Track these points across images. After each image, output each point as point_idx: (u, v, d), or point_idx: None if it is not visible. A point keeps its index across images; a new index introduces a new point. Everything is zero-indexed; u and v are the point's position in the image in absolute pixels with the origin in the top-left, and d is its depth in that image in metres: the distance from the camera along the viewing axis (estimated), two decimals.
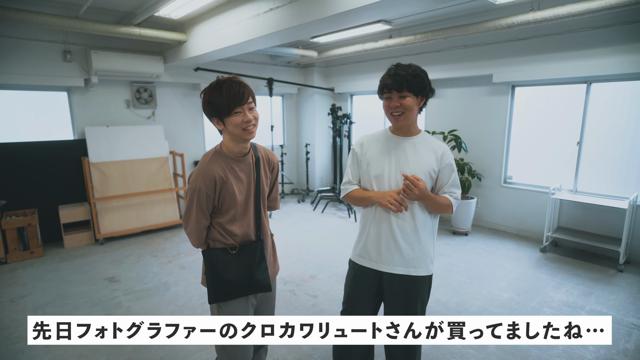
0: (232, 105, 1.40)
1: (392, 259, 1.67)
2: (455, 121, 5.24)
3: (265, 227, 1.64)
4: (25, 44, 4.30)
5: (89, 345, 2.56)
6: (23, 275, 3.73)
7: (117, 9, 4.25)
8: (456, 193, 1.68)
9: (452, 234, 4.90)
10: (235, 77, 1.44)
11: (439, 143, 1.70)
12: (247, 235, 1.56)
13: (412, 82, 1.54)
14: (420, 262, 1.67)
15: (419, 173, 1.60)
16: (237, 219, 1.53)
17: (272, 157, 1.67)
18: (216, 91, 1.40)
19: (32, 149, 4.46)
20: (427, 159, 1.64)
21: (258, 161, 1.58)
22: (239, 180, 1.52)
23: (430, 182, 1.65)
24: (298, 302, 3.13)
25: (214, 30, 4.02)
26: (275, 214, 5.86)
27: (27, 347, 2.54)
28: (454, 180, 1.67)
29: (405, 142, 1.67)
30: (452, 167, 1.66)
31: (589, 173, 4.28)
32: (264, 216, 1.62)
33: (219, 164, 1.47)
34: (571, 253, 4.18)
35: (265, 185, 1.61)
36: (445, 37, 4.31)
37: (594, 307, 3.01)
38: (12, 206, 4.37)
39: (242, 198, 1.52)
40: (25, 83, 4.32)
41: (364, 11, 2.70)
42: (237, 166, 1.52)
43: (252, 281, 1.54)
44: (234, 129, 1.43)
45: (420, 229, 1.65)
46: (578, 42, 4.00)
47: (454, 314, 2.92)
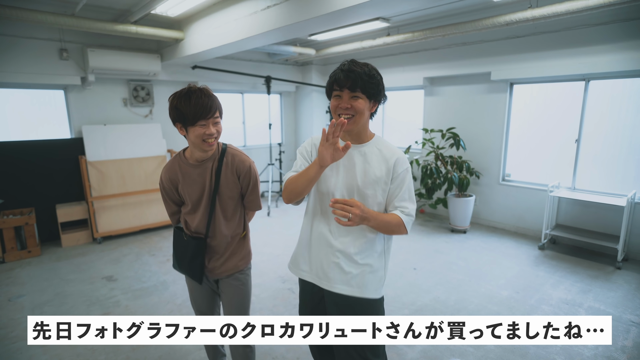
0: (198, 116, 1.48)
1: (330, 274, 1.44)
2: (453, 119, 5.23)
3: (220, 228, 1.72)
4: (21, 42, 4.27)
5: (87, 345, 2.55)
6: (21, 274, 3.72)
7: (114, 6, 4.23)
8: (408, 208, 1.42)
9: (450, 231, 4.91)
10: (206, 89, 1.53)
11: (393, 150, 1.46)
12: (198, 229, 1.73)
13: (368, 83, 1.35)
14: (366, 281, 1.43)
15: (367, 185, 1.41)
16: (191, 213, 1.73)
17: (241, 165, 1.71)
18: (185, 99, 1.47)
19: (28, 148, 4.44)
20: (378, 170, 1.41)
21: (219, 168, 1.67)
22: (192, 182, 1.68)
23: (382, 195, 1.43)
24: (296, 301, 3.11)
25: (211, 27, 4.00)
26: (273, 212, 5.86)
27: (25, 347, 2.54)
28: (403, 193, 1.42)
29: (354, 152, 1.45)
30: (403, 177, 1.43)
31: (587, 170, 4.29)
32: (221, 217, 1.71)
33: (174, 166, 1.70)
34: (569, 250, 4.20)
35: (228, 189, 1.70)
36: (443, 35, 4.30)
37: (593, 305, 3.02)
38: (9, 205, 4.35)
39: (194, 198, 1.69)
40: (21, 81, 4.30)
41: (362, 8, 2.69)
42: (193, 170, 1.67)
43: (190, 268, 1.76)
44: (194, 139, 1.54)
45: (368, 240, 1.44)
46: (576, 40, 3.99)
47: (453, 312, 2.92)
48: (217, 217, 1.71)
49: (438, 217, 5.61)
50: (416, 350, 2.48)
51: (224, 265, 1.77)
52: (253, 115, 6.84)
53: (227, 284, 1.80)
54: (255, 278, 3.53)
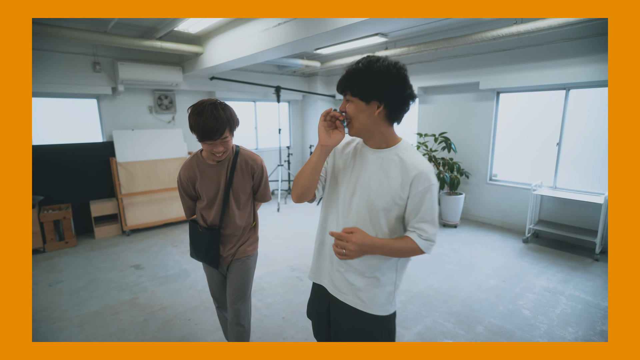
0: (205, 138, 1.50)
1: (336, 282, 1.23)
2: (445, 124, 5.22)
3: (234, 219, 1.75)
4: (60, 57, 4.33)
5: (119, 325, 2.59)
6: (59, 262, 3.77)
7: (141, 24, 4.27)
8: (427, 232, 1.12)
9: (442, 226, 4.90)
10: (215, 110, 1.47)
11: (417, 162, 1.12)
12: (214, 222, 1.75)
13: (359, 83, 1.05)
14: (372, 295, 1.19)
15: (380, 197, 1.12)
16: (207, 208, 1.74)
17: (253, 164, 1.75)
18: (195, 118, 1.48)
19: (66, 151, 4.49)
20: (394, 182, 1.12)
21: (234, 168, 1.69)
22: (209, 180, 1.69)
23: (396, 210, 1.14)
24: (304, 288, 3.14)
25: (228, 43, 4.02)
26: (282, 209, 5.88)
27: (64, 327, 2.58)
28: (424, 214, 1.12)
29: (373, 158, 1.16)
30: (424, 195, 1.11)
31: (567, 171, 4.26)
32: (235, 210, 1.74)
33: (192, 165, 1.71)
34: (551, 244, 4.17)
35: (240, 186, 1.73)
36: (436, 49, 4.29)
37: (573, 293, 3.01)
38: (49, 201, 4.41)
39: (210, 194, 1.71)
40: (60, 91, 4.35)
41: (362, 25, 2.69)
42: (209, 169, 1.69)
43: (206, 256, 1.79)
44: (205, 150, 1.62)
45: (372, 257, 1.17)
46: (557, 52, 3.97)
47: (445, 299, 2.92)
48: (232, 210, 1.73)
49: None
50: (412, 333, 2.48)
51: (236, 251, 1.80)
52: (264, 121, 6.86)
53: (234, 267, 1.82)
54: (266, 267, 3.55)
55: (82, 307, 2.85)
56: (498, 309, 2.77)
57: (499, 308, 2.78)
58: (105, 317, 2.71)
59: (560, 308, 2.77)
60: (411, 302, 2.86)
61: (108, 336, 2.46)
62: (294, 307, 2.82)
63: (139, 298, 2.99)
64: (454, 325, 2.55)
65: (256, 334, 2.45)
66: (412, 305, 2.82)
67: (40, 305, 2.88)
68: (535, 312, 2.72)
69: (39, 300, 2.97)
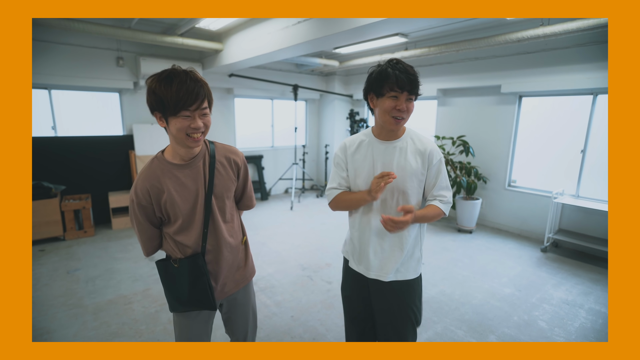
0: (181, 105, 1.08)
1: (380, 265, 1.45)
2: (464, 127, 5.11)
3: (223, 235, 1.31)
4: (85, 51, 4.46)
5: (131, 315, 2.65)
6: (78, 251, 3.89)
7: (164, 20, 4.35)
8: (446, 197, 1.41)
9: (457, 231, 4.80)
10: (192, 71, 1.12)
11: (425, 141, 1.42)
12: (197, 246, 1.27)
13: (419, 87, 1.31)
14: (408, 265, 1.46)
15: (405, 179, 1.37)
16: (184, 228, 1.25)
17: (235, 157, 1.35)
18: (165, 83, 1.07)
19: (87, 143, 4.63)
20: (413, 163, 1.38)
21: (213, 163, 1.26)
22: (183, 187, 1.22)
23: (419, 186, 1.41)
24: (314, 287, 3.14)
25: (247, 40, 4.06)
26: (296, 207, 5.88)
27: (80, 313, 2.66)
28: (441, 182, 1.40)
29: (390, 147, 1.40)
30: (439, 167, 1.40)
31: (591, 179, 4.10)
32: (221, 223, 1.31)
33: (154, 173, 1.21)
34: (571, 254, 4.02)
35: (224, 189, 1.31)
36: (457, 50, 4.21)
37: (593, 307, 2.89)
38: (69, 191, 4.56)
39: (187, 207, 1.23)
40: (84, 85, 4.49)
41: (382, 25, 2.67)
42: (181, 172, 1.23)
43: (194, 298, 1.27)
44: (177, 132, 1.12)
45: (405, 233, 1.42)
46: (585, 56, 3.82)
47: (457, 306, 2.86)
48: (217, 223, 1.29)
49: (446, 217, 5.49)
50: (422, 339, 2.44)
51: (234, 279, 1.38)
52: (281, 119, 6.90)
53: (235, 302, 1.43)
54: (277, 265, 3.56)
55: (98, 296, 2.93)
56: (512, 318, 2.69)
57: (514, 318, 2.70)
58: (119, 306, 2.77)
59: (579, 322, 2.66)
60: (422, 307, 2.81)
61: (120, 325, 2.52)
62: (303, 306, 2.82)
63: (152, 289, 3.05)
64: (466, 333, 2.49)
65: (264, 331, 2.46)
66: (423, 311, 2.76)
67: (59, 291, 2.98)
68: (552, 324, 2.63)
69: (58, 286, 3.07)
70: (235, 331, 1.49)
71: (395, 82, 1.27)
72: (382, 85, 1.30)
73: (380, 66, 1.34)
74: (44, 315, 2.62)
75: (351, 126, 6.30)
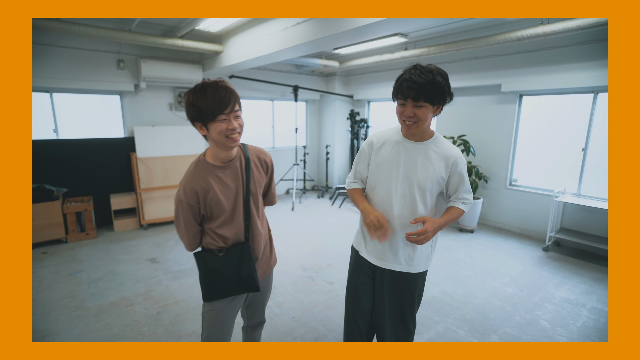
0: (217, 111, 1.24)
1: (392, 257, 1.54)
2: (464, 127, 5.11)
3: (258, 227, 1.49)
4: (86, 54, 4.48)
5: (133, 316, 2.65)
6: (80, 253, 3.90)
7: (164, 23, 4.37)
8: (468, 199, 1.52)
9: (458, 230, 4.79)
10: (221, 81, 1.27)
11: (451, 149, 1.49)
12: (237, 237, 1.44)
13: (431, 92, 1.30)
14: (420, 260, 1.55)
15: (426, 182, 1.46)
16: (227, 222, 1.41)
17: (265, 158, 1.53)
18: (201, 94, 1.23)
19: (89, 145, 4.65)
20: (437, 167, 1.45)
21: (248, 164, 1.44)
22: (225, 186, 1.38)
23: (439, 188, 1.50)
24: (316, 288, 3.14)
25: (247, 42, 4.07)
26: (297, 208, 5.89)
27: (82, 314, 2.66)
28: (465, 187, 1.51)
29: (416, 149, 1.47)
30: (462, 174, 1.49)
31: (593, 178, 4.09)
32: (256, 217, 1.48)
33: (200, 174, 1.36)
34: (573, 253, 4.01)
35: (257, 186, 1.48)
36: (457, 49, 4.21)
37: (596, 305, 2.88)
38: (71, 194, 4.58)
39: (230, 203, 1.40)
40: (85, 87, 4.50)
41: (382, 25, 2.67)
42: (223, 173, 1.38)
43: (240, 282, 1.44)
44: (217, 136, 1.28)
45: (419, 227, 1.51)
46: (585, 54, 3.81)
47: (459, 305, 2.86)
48: (253, 217, 1.48)
49: None
50: (423, 338, 2.44)
51: (264, 268, 1.57)
52: (281, 120, 6.90)
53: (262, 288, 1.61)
54: (278, 265, 3.56)
55: (100, 297, 2.94)
56: (514, 318, 2.68)
57: (515, 317, 2.69)
58: (121, 308, 2.78)
59: (582, 321, 2.66)
60: (423, 307, 2.81)
61: (122, 327, 2.53)
62: (305, 307, 2.82)
63: (154, 291, 3.06)
64: (467, 333, 2.49)
65: (266, 332, 2.46)
66: (424, 310, 2.77)
67: (61, 294, 2.99)
68: (554, 323, 2.62)
69: (60, 288, 3.08)
70: (255, 315, 1.66)
71: (400, 90, 1.36)
72: (395, 92, 1.40)
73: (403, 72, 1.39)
74: (47, 317, 2.63)
75: (352, 127, 6.30)
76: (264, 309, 1.72)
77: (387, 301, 1.59)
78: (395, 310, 1.60)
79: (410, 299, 1.59)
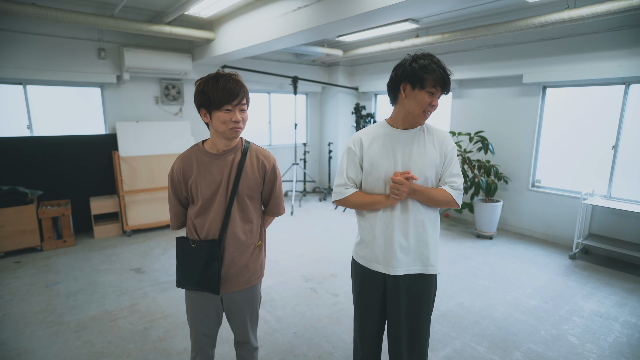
0: (224, 100, 1.39)
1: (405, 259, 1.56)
2: (482, 122, 5.12)
3: (237, 231, 1.54)
4: (63, 42, 4.49)
5: (117, 332, 2.66)
6: (57, 262, 3.90)
7: (150, 7, 4.38)
8: (457, 182, 1.55)
9: (476, 237, 4.80)
10: (235, 75, 1.44)
11: (439, 131, 1.61)
12: (211, 233, 1.53)
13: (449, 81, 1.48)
14: (435, 258, 1.60)
15: (426, 167, 1.53)
16: (202, 213, 1.53)
17: (266, 162, 1.58)
18: (212, 82, 1.39)
19: (66, 143, 4.66)
20: (431, 150, 1.54)
21: (242, 160, 1.52)
22: (208, 174, 1.51)
23: (436, 176, 1.57)
24: (319, 300, 3.14)
25: (242, 28, 4.08)
26: (297, 212, 5.90)
27: (61, 331, 2.66)
28: (452, 168, 1.56)
29: (408, 137, 1.55)
30: (452, 154, 1.57)
31: (624, 178, 4.10)
32: (237, 220, 1.54)
33: (190, 156, 1.53)
34: (603, 261, 4.02)
35: (247, 188, 1.53)
36: (474, 37, 4.22)
37: (629, 319, 2.88)
38: (47, 197, 4.59)
39: (208, 193, 1.50)
40: (62, 79, 4.51)
41: (392, 10, 2.68)
42: (211, 160, 1.51)
43: (203, 279, 1.52)
44: (219, 125, 1.43)
45: (428, 225, 1.57)
46: (616, 41, 3.83)
47: (478, 320, 2.86)
48: (234, 217, 1.53)
49: (463, 221, 5.49)
50: (439, 356, 2.44)
51: (235, 278, 1.58)
52: (279, 115, 6.92)
53: (234, 301, 1.62)
54: (277, 276, 3.57)
55: (80, 312, 2.94)
56: (539, 333, 2.69)
57: (540, 332, 2.70)
58: (104, 323, 2.78)
59: (614, 336, 2.66)
60: (439, 322, 2.81)
61: (106, 344, 2.53)
62: (307, 321, 2.82)
63: (139, 304, 3.06)
64: (488, 350, 2.50)
65: (264, 349, 2.47)
66: (439, 325, 2.77)
67: (37, 307, 2.99)
68: (583, 339, 2.62)
69: (36, 301, 3.08)
70: (236, 330, 1.70)
71: (438, 80, 1.43)
72: (424, 79, 1.42)
73: (418, 58, 1.45)
74: (21, 333, 2.63)
75: (357, 122, 6.32)
76: (246, 328, 1.68)
77: (403, 313, 1.59)
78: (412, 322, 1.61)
79: (427, 307, 1.62)
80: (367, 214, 1.63)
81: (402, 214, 1.55)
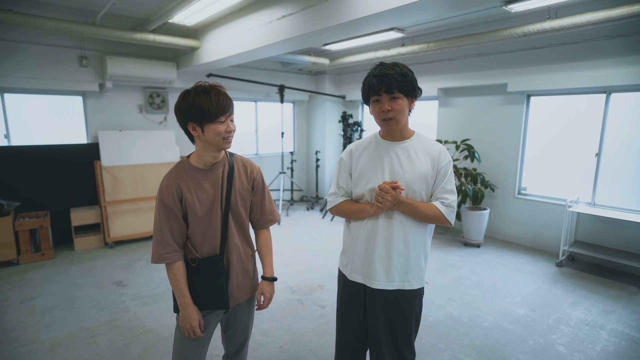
0: (219, 112, 1.38)
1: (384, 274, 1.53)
2: (468, 130, 5.17)
3: (235, 242, 1.55)
4: (43, 50, 4.40)
5: (95, 350, 2.55)
6: (34, 277, 3.77)
7: (133, 15, 4.33)
8: (448, 199, 1.50)
9: (463, 245, 4.81)
10: (220, 86, 1.43)
11: (435, 144, 1.56)
12: (212, 249, 1.50)
13: (402, 82, 1.42)
14: (415, 273, 1.55)
15: (414, 180, 1.49)
16: (200, 230, 1.48)
17: (251, 169, 1.61)
18: (204, 95, 1.36)
19: (46, 152, 4.54)
20: (423, 163, 1.50)
21: (231, 171, 1.53)
22: (202, 190, 1.47)
23: (427, 189, 1.53)
24: (305, 312, 3.09)
25: (227, 36, 4.06)
26: (284, 221, 5.84)
27: (34, 349, 2.55)
28: (445, 184, 1.51)
29: (397, 148, 1.54)
30: (446, 169, 1.52)
31: (608, 186, 4.16)
32: (234, 232, 1.54)
33: (179, 174, 1.47)
34: (589, 268, 4.05)
35: (239, 199, 1.55)
36: (458, 46, 4.28)
37: (615, 327, 2.89)
38: (25, 208, 4.44)
39: (204, 209, 1.47)
40: (42, 87, 4.42)
41: (377, 19, 2.69)
42: (202, 176, 1.49)
43: (210, 296, 1.49)
44: (213, 137, 1.41)
45: (411, 239, 1.53)
46: (597, 51, 3.91)
47: (466, 330, 2.84)
48: (232, 229, 1.54)
49: (451, 230, 5.50)
50: None
51: (242, 289, 1.59)
52: (266, 123, 6.89)
53: (241, 310, 1.64)
54: None
55: (56, 329, 2.82)
56: (528, 343, 2.68)
57: (529, 342, 2.68)
58: (81, 340, 2.68)
59: (601, 345, 2.66)
60: (427, 333, 2.78)
61: None
62: (293, 335, 2.76)
63: (120, 319, 2.96)
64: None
65: None
66: (428, 337, 2.74)
67: (10, 325, 2.86)
68: (572, 348, 2.62)
69: (9, 319, 2.96)
70: (234, 341, 1.68)
71: (371, 87, 1.46)
72: (366, 94, 1.51)
73: (367, 75, 1.51)
74: None
75: (344, 130, 6.32)
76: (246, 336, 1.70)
77: (382, 328, 1.56)
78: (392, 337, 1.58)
79: (407, 323, 1.56)
80: (352, 222, 1.64)
81: (386, 225, 1.52)
